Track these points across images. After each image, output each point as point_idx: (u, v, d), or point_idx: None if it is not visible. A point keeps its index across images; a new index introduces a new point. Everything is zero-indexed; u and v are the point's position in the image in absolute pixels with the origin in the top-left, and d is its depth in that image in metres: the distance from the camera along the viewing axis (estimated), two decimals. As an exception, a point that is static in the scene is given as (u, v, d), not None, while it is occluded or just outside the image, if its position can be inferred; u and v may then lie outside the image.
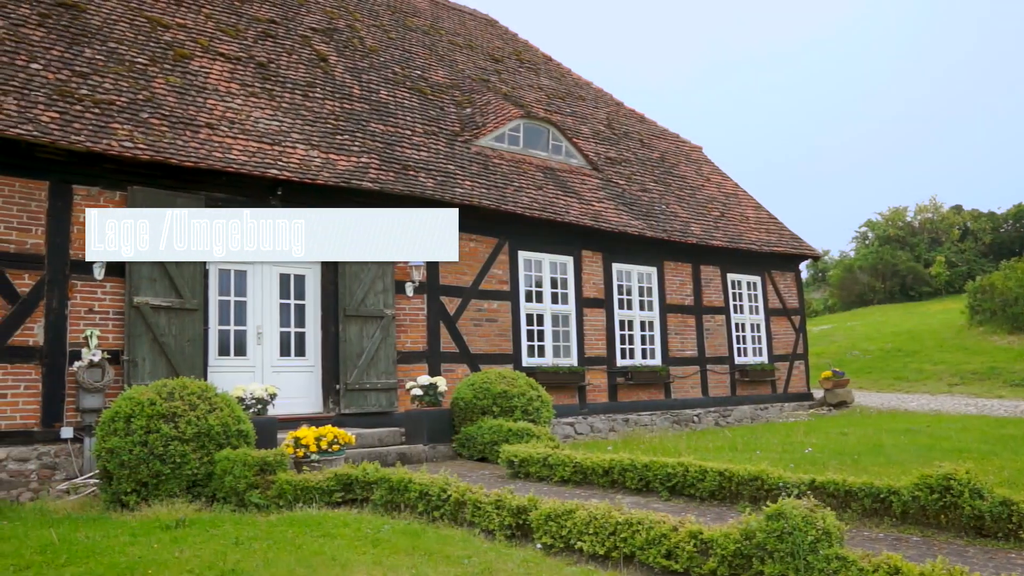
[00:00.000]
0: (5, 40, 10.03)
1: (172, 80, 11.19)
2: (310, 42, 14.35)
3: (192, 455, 7.53)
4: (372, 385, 11.31)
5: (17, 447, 8.76)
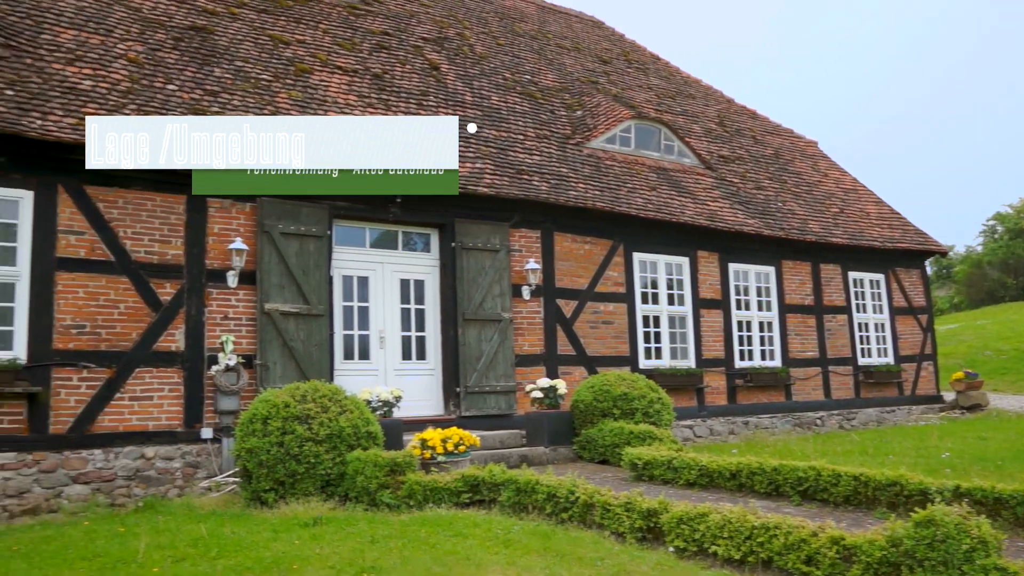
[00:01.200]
0: (144, 64, 10.61)
1: (294, 95, 11.61)
2: (422, 52, 14.64)
3: (325, 455, 7.79)
4: (491, 388, 11.44)
5: (163, 446, 9.25)
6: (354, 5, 14.89)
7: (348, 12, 14.62)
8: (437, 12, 16.52)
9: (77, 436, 8.86)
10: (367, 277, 11.13)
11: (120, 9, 11.46)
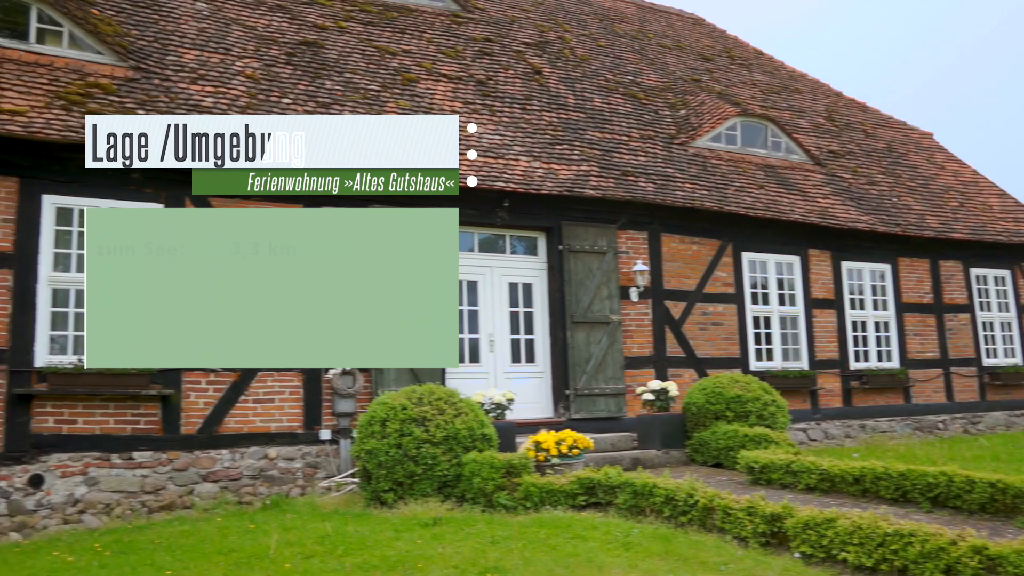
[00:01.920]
0: (261, 80, 11.04)
1: (402, 103, 11.87)
2: (524, 56, 14.74)
3: (442, 457, 7.93)
4: (600, 390, 11.42)
5: (285, 447, 9.59)
6: (456, 14, 15.12)
7: (451, 21, 14.85)
8: (537, 17, 16.61)
9: (206, 436, 9.28)
10: (476, 281, 11.28)
11: (237, 29, 11.95)
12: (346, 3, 13.86)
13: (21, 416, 8.55)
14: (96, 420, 8.83)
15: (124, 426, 8.94)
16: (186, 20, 11.62)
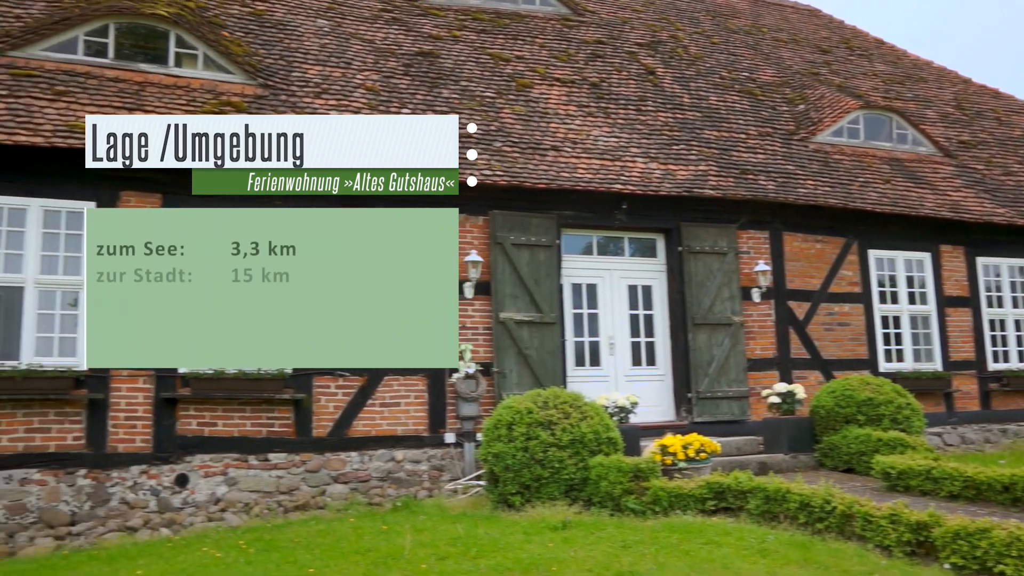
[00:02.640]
0: (380, 91, 11.33)
1: (517, 109, 11.96)
2: (637, 57, 14.64)
3: (568, 460, 7.95)
4: (723, 393, 11.22)
5: (411, 450, 9.81)
6: (567, 17, 15.14)
7: (562, 24, 14.88)
8: (649, 16, 16.46)
9: (336, 439, 9.58)
10: (595, 284, 11.27)
11: (356, 43, 12.30)
12: (459, 12, 14.08)
13: (167, 419, 9.03)
14: (234, 423, 9.24)
15: (260, 429, 9.32)
16: (308, 37, 12.04)
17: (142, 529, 8.62)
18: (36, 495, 8.53)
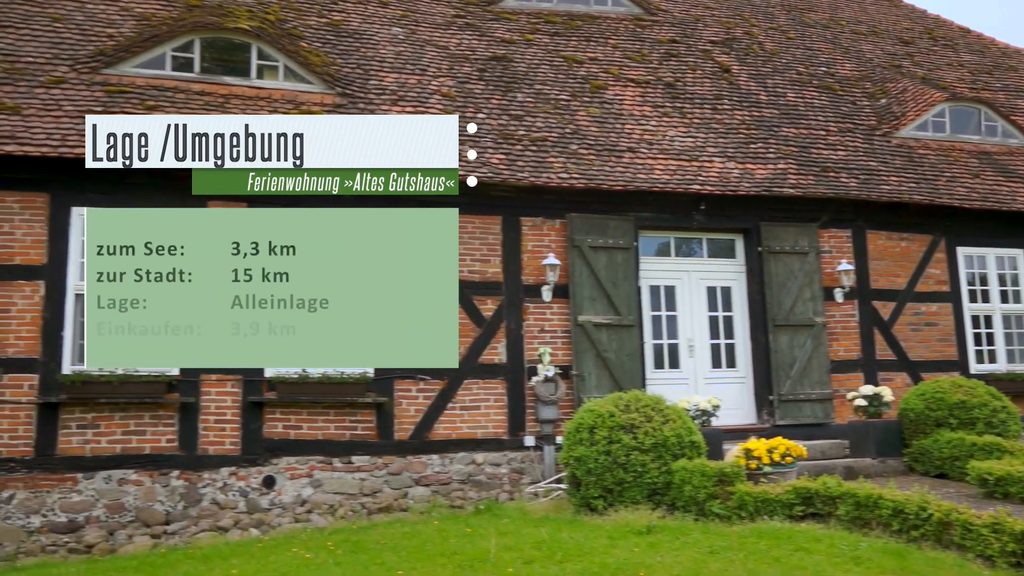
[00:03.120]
0: (456, 97, 11.43)
1: (592, 111, 11.93)
2: (711, 55, 14.44)
3: (651, 464, 7.89)
4: (806, 396, 10.99)
5: (491, 453, 9.87)
6: (640, 17, 15.03)
7: (635, 25, 14.78)
8: (723, 13, 16.23)
9: (417, 442, 9.69)
10: (673, 286, 11.17)
11: (431, 50, 12.43)
12: (532, 16, 14.10)
13: (255, 422, 9.27)
14: (319, 426, 9.44)
15: (343, 432, 9.49)
16: (384, 45, 12.21)
17: (232, 529, 8.87)
18: (133, 495, 8.86)
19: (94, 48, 10.19)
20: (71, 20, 10.63)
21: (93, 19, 10.79)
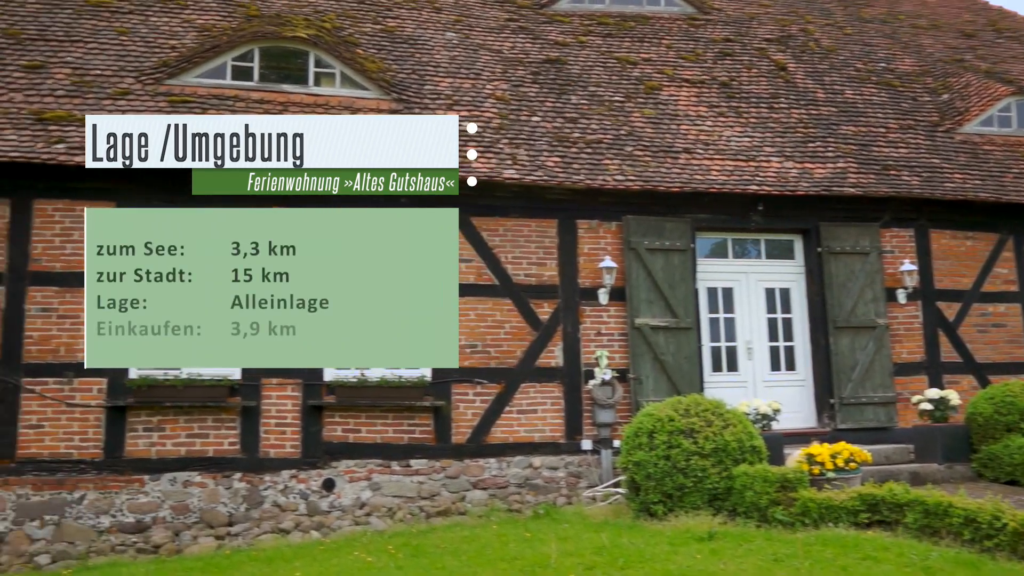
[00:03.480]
0: (510, 101, 11.45)
1: (647, 112, 11.85)
2: (766, 53, 14.24)
3: (711, 469, 7.81)
4: (868, 399, 10.78)
5: (548, 456, 9.86)
6: (693, 17, 14.89)
7: (688, 24, 14.65)
8: (777, 11, 16.00)
9: (474, 446, 9.73)
10: (731, 288, 11.05)
11: (485, 53, 12.47)
12: (584, 18, 14.06)
13: (314, 425, 9.39)
14: (377, 430, 9.53)
15: (401, 435, 9.57)
16: (438, 50, 12.28)
17: (293, 531, 8.99)
18: (197, 496, 9.04)
19: (158, 59, 10.43)
20: (136, 33, 10.90)
21: (157, 31, 11.05)
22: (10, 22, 10.68)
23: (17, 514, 8.72)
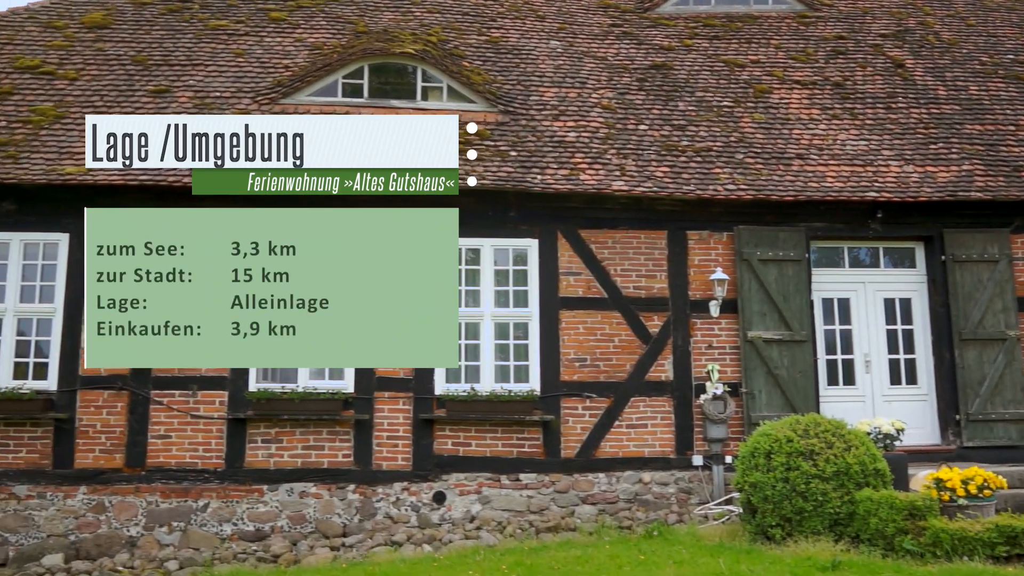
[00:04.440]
0: (616, 109, 11.33)
1: (757, 117, 11.54)
2: (882, 50, 13.66)
3: (832, 494, 7.52)
4: (998, 416, 10.21)
5: (658, 472, 9.72)
6: (803, 14, 14.41)
7: (798, 22, 14.19)
8: (893, 4, 15.30)
9: (584, 460, 9.67)
10: (848, 298, 10.64)
11: (589, 61, 12.37)
12: (689, 20, 13.80)
13: (425, 439, 9.51)
14: (487, 443, 9.58)
15: (511, 449, 9.60)
16: (543, 60, 12.25)
17: (406, 544, 9.10)
18: (313, 507, 9.28)
19: (272, 79, 10.74)
20: (251, 54, 11.26)
21: (271, 52, 11.39)
22: (138, 48, 11.20)
23: (148, 520, 9.15)
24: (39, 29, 11.66)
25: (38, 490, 9.16)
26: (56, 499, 9.13)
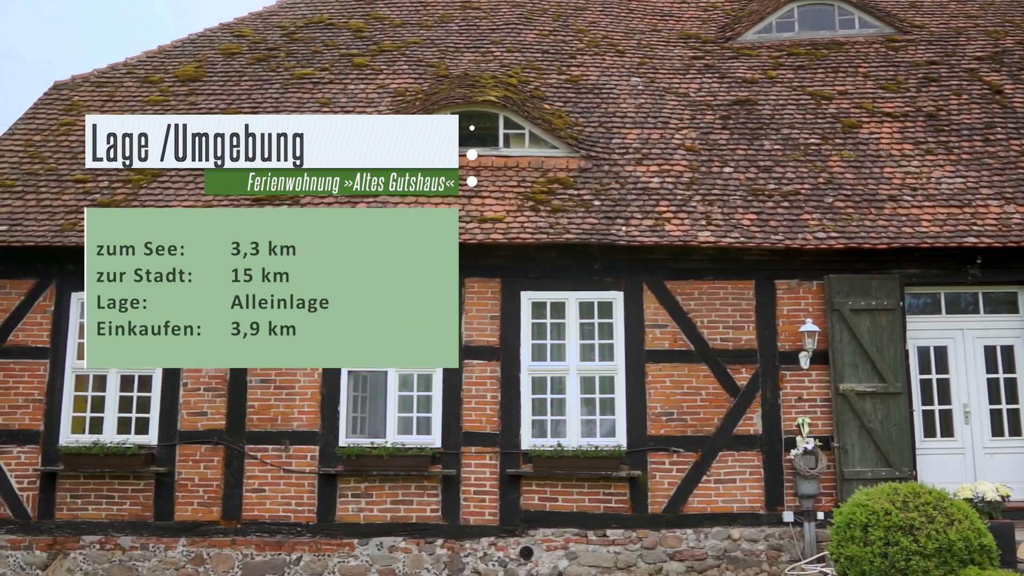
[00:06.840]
0: (700, 150, 11.16)
1: (845, 155, 11.23)
2: (977, 74, 13.14)
3: (935, 571, 7.27)
4: (1108, 470, 9.75)
5: (747, 528, 9.55)
6: (892, 38, 13.96)
7: (886, 47, 13.75)
8: (988, 22, 14.71)
9: (671, 516, 9.57)
10: (945, 346, 10.27)
11: (671, 98, 12.22)
12: (772, 49, 13.52)
13: (512, 493, 9.55)
14: (573, 499, 9.56)
15: (597, 504, 9.56)
16: (624, 98, 12.15)
17: (494, 599, 9.16)
18: (402, 561, 9.41)
19: (357, 132, 10.89)
20: (336, 103, 11.47)
21: (355, 99, 11.57)
22: (228, 101, 11.51)
23: (244, 572, 9.42)
24: (136, 84, 12.09)
25: (141, 541, 9.51)
26: (158, 550, 9.46)
